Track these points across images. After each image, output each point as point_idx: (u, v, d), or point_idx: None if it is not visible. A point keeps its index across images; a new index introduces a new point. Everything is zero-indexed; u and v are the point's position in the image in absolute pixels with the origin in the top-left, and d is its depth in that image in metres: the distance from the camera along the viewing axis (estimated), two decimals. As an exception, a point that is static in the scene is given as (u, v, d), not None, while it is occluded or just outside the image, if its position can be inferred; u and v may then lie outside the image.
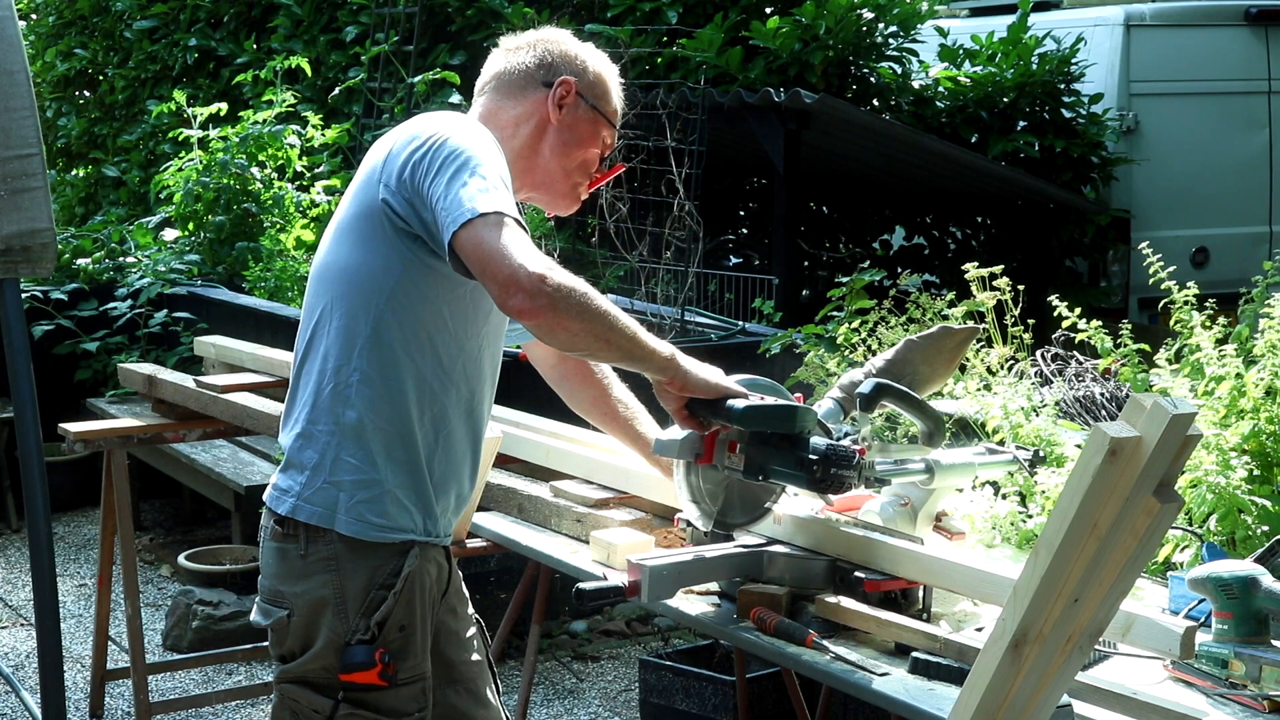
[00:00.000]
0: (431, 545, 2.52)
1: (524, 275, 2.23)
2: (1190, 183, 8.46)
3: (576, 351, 2.42)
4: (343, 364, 2.44)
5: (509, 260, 2.24)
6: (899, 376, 2.90)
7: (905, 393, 2.80)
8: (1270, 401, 3.08)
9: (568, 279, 2.29)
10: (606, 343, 2.37)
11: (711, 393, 2.55)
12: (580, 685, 5.14)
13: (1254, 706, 2.28)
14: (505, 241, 2.25)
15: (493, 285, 2.26)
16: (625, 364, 2.47)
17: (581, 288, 2.30)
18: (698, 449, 2.67)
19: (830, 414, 2.84)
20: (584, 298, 2.30)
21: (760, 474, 2.62)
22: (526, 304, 2.24)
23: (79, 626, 5.65)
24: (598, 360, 2.44)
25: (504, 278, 2.24)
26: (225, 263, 7.75)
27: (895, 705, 2.35)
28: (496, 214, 2.27)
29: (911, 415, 2.84)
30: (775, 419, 2.55)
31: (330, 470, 2.44)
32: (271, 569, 2.51)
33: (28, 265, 3.66)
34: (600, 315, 2.33)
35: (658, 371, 2.51)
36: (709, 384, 2.55)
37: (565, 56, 2.62)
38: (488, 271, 2.26)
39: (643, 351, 2.45)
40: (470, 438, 2.56)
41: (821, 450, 2.53)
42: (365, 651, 2.42)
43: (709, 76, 7.76)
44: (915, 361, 2.95)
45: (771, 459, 2.60)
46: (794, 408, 2.58)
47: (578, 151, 2.61)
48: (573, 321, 2.29)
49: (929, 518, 2.85)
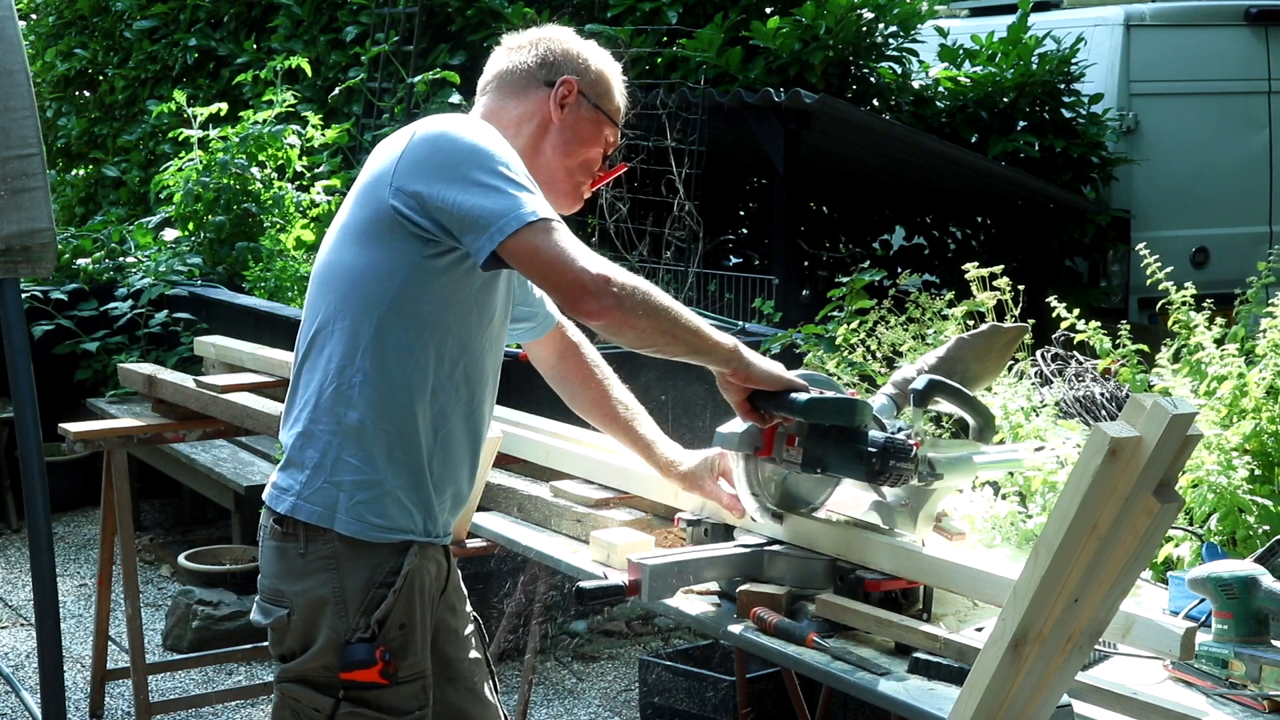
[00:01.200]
0: (430, 544, 2.52)
1: (589, 279, 2.29)
2: (1190, 183, 8.46)
3: (644, 347, 2.44)
4: (346, 364, 2.44)
5: (571, 266, 2.29)
6: (950, 374, 2.91)
7: (958, 389, 2.81)
8: (1271, 401, 3.08)
9: (630, 278, 2.34)
10: (673, 337, 2.42)
11: (774, 385, 2.58)
12: (580, 685, 5.14)
13: (1254, 706, 2.28)
14: (563, 246, 2.30)
15: (558, 292, 2.31)
16: (690, 357, 2.50)
17: (644, 285, 2.36)
18: (758, 442, 2.69)
19: (884, 409, 2.85)
20: (648, 295, 2.36)
21: (819, 466, 2.65)
22: (595, 306, 2.29)
23: (79, 626, 5.65)
24: (664, 354, 2.47)
25: (569, 283, 2.29)
26: (225, 263, 7.75)
27: (895, 705, 2.35)
28: (543, 220, 2.31)
29: (964, 411, 2.86)
30: (836, 412, 2.58)
31: (331, 470, 2.44)
32: (271, 568, 2.51)
33: (28, 265, 3.66)
34: (665, 310, 2.38)
35: (722, 364, 2.53)
36: (772, 376, 2.58)
37: (567, 55, 2.62)
38: (549, 279, 2.31)
39: (707, 344, 2.49)
40: (470, 439, 2.56)
41: (880, 443, 2.56)
42: (366, 650, 2.42)
43: (709, 76, 7.76)
44: (966, 359, 2.96)
45: (830, 452, 2.62)
46: (854, 401, 2.61)
47: (580, 150, 2.62)
48: (640, 319, 2.35)
49: (929, 518, 2.84)
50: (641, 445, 3.03)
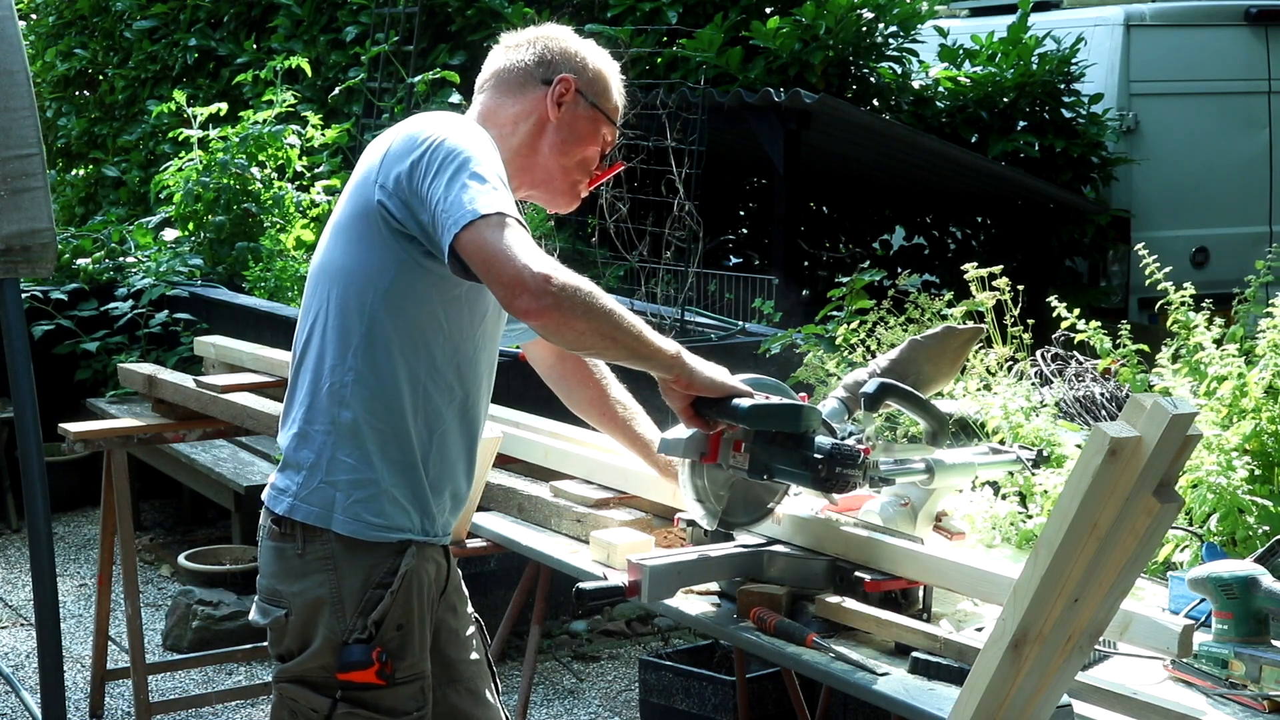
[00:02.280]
0: (429, 544, 2.52)
1: (529, 276, 2.23)
2: (1190, 183, 8.46)
3: (583, 350, 2.41)
4: (338, 363, 2.44)
5: (513, 261, 2.24)
6: (903, 376, 2.90)
7: (910, 392, 2.80)
8: (1271, 401, 3.08)
9: (572, 278, 2.29)
10: (613, 341, 2.37)
11: (717, 391, 2.55)
12: (580, 685, 5.14)
13: (1254, 706, 2.28)
14: (509, 242, 2.25)
15: (498, 287, 2.26)
16: (631, 362, 2.46)
17: (586, 286, 2.31)
18: (703, 448, 2.67)
19: (835, 413, 2.84)
20: (589, 296, 2.30)
21: (765, 473, 2.62)
22: (532, 304, 2.24)
23: (79, 626, 5.65)
24: (604, 359, 2.43)
25: (509, 279, 2.24)
26: (225, 263, 7.75)
27: (895, 705, 2.35)
28: (498, 215, 2.27)
29: (916, 415, 2.85)
30: (780, 418, 2.55)
31: (327, 470, 2.44)
32: (269, 568, 2.51)
33: (28, 265, 3.66)
34: (606, 314, 2.33)
35: (664, 370, 2.50)
36: (715, 382, 2.55)
37: (565, 54, 2.62)
38: (492, 273, 2.26)
39: (649, 350, 2.44)
40: (466, 437, 2.56)
41: (826, 449, 2.53)
42: (362, 650, 2.42)
43: (709, 76, 7.75)
44: (919, 361, 2.95)
45: (776, 458, 2.60)
46: (799, 407, 2.58)
47: (577, 149, 2.61)
48: (579, 321, 2.29)
49: (929, 518, 2.85)
50: (640, 445, 3.03)
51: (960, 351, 3.02)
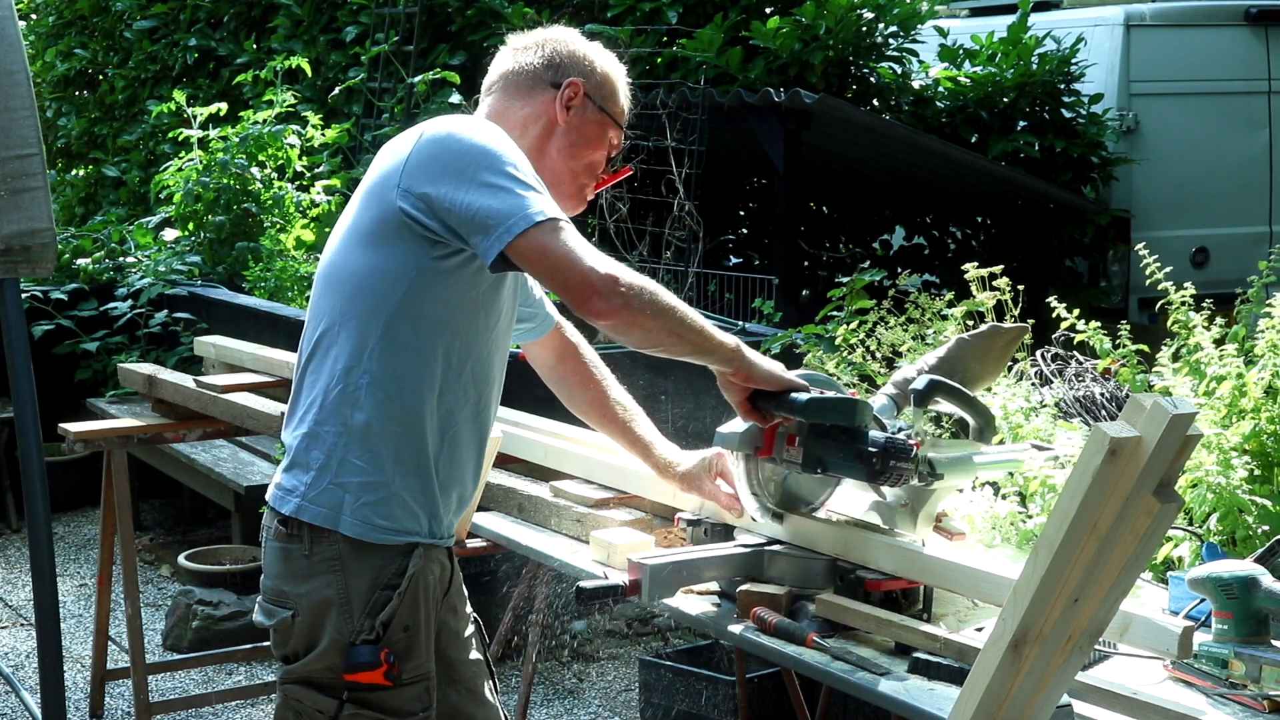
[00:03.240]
0: (435, 546, 2.52)
1: (598, 279, 2.29)
2: (1190, 183, 8.46)
3: (650, 347, 2.45)
4: (353, 366, 2.44)
5: (580, 266, 2.29)
6: (950, 374, 2.91)
7: (958, 389, 2.81)
8: (1271, 401, 3.08)
9: (637, 278, 2.35)
10: (679, 337, 2.43)
11: (775, 385, 2.59)
12: (580, 685, 5.14)
13: (1254, 706, 2.28)
14: (571, 246, 2.30)
15: (566, 292, 2.31)
16: (694, 357, 2.50)
17: (651, 285, 2.37)
18: (758, 442, 2.70)
19: (884, 409, 2.85)
20: (655, 295, 2.37)
21: (819, 466, 2.65)
22: (604, 306, 2.30)
23: (79, 626, 5.65)
24: (669, 354, 2.47)
25: (577, 283, 2.29)
26: (225, 263, 7.75)
27: (895, 705, 2.35)
28: (551, 220, 2.31)
29: (964, 411, 2.86)
30: (836, 412, 2.59)
31: (336, 472, 2.44)
32: (275, 569, 2.51)
33: (28, 265, 3.66)
34: (671, 311, 2.40)
35: (724, 363, 2.54)
36: (773, 376, 2.59)
37: (573, 57, 2.62)
38: (558, 279, 2.31)
39: (711, 344, 2.49)
40: (476, 440, 2.56)
41: (880, 443, 2.56)
42: (370, 652, 2.42)
43: (709, 76, 7.76)
44: (966, 359, 2.96)
45: (830, 451, 2.62)
46: (854, 401, 2.61)
47: (585, 153, 2.62)
48: (648, 319, 2.36)
49: (929, 518, 2.84)
50: (639, 446, 3.03)
51: (1005, 350, 3.04)
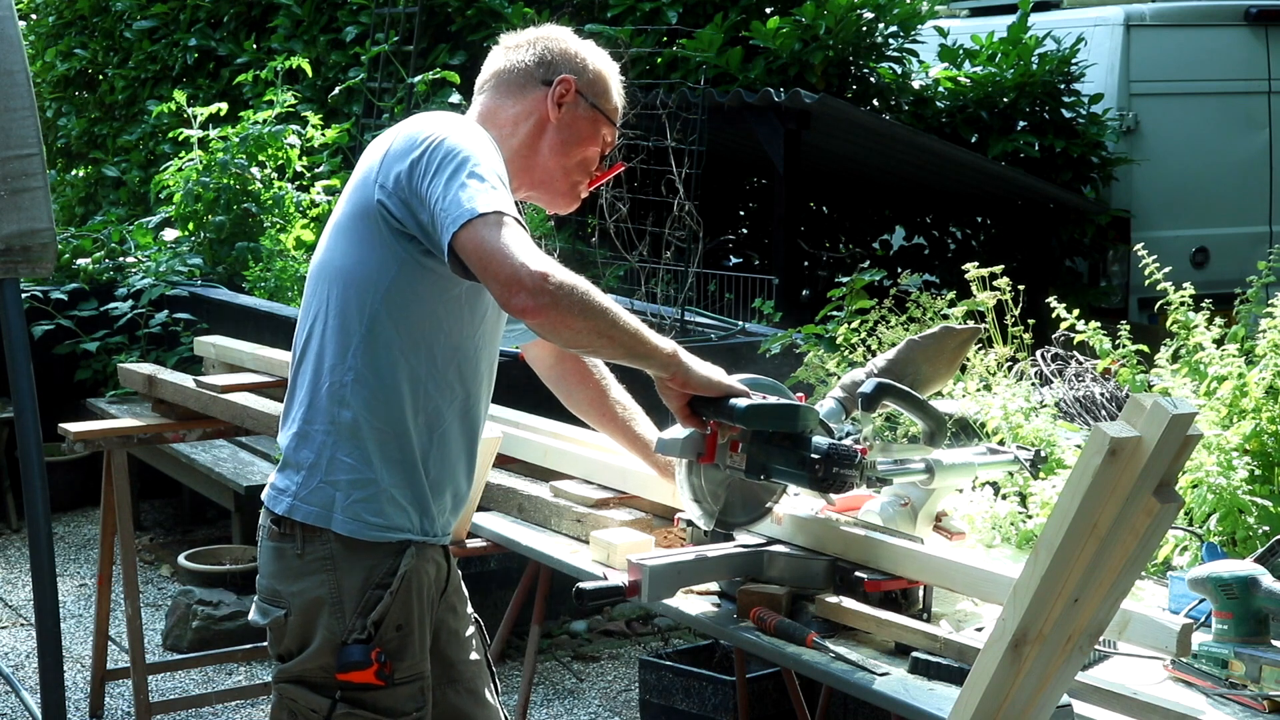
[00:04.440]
0: (429, 545, 2.52)
1: (526, 274, 2.24)
2: (1190, 183, 8.46)
3: (579, 349, 2.41)
4: (337, 363, 2.45)
5: (510, 259, 2.24)
6: (901, 376, 2.89)
7: (907, 392, 2.80)
8: (1271, 401, 3.08)
9: (569, 277, 2.29)
10: (610, 340, 2.37)
11: (714, 390, 2.55)
12: (580, 685, 5.14)
13: (1254, 706, 2.28)
14: (506, 240, 2.25)
15: (495, 285, 2.26)
16: (628, 361, 2.46)
17: (583, 285, 2.31)
18: (700, 448, 2.66)
19: (832, 413, 2.84)
20: (585, 295, 2.30)
21: (762, 473, 2.62)
22: (529, 302, 2.24)
23: (79, 626, 5.65)
24: (601, 357, 2.43)
25: (506, 277, 2.24)
26: (225, 263, 7.75)
27: (895, 705, 2.35)
28: (496, 213, 2.27)
29: (913, 415, 2.85)
30: (778, 418, 2.55)
31: (326, 470, 2.44)
32: (269, 568, 2.51)
33: (28, 265, 3.66)
34: (602, 312, 2.33)
35: (660, 369, 2.51)
36: (711, 382, 2.55)
37: (565, 54, 2.62)
38: (489, 271, 2.26)
39: (645, 348, 2.45)
40: (466, 437, 2.56)
41: (824, 449, 2.53)
42: (362, 651, 2.42)
43: (709, 76, 7.75)
44: (917, 361, 2.95)
45: (774, 458, 2.59)
46: (796, 406, 2.58)
47: (577, 150, 2.61)
48: (575, 319, 2.29)
49: (929, 518, 2.85)
50: (639, 446, 3.03)
51: (958, 352, 3.02)
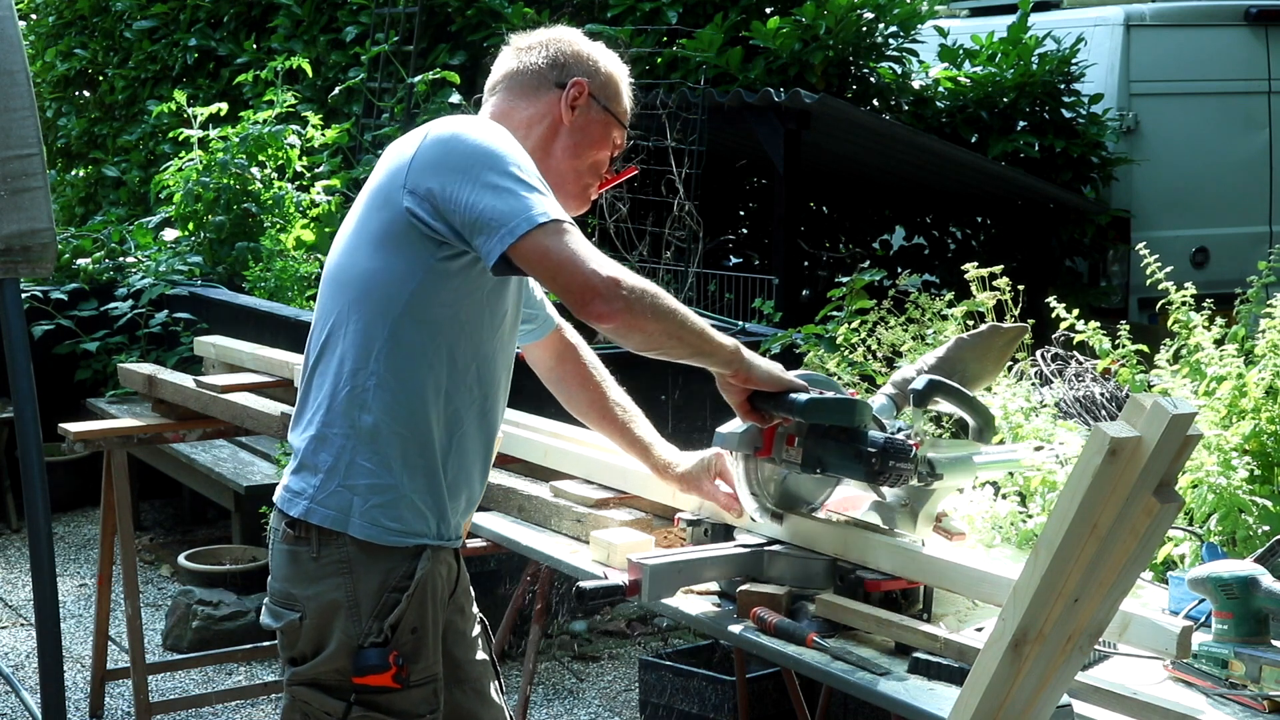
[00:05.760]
0: (442, 548, 2.52)
1: (599, 282, 2.29)
2: (1190, 183, 8.46)
3: (650, 350, 2.45)
4: (359, 368, 2.44)
5: (582, 269, 2.29)
6: (949, 374, 2.91)
7: (957, 389, 2.81)
8: (1271, 401, 3.08)
9: (639, 281, 2.35)
10: (679, 340, 2.43)
11: (774, 386, 2.60)
12: (580, 685, 5.14)
13: (1254, 706, 2.28)
14: (574, 249, 2.30)
15: (568, 295, 2.31)
16: (694, 359, 2.51)
17: (652, 288, 2.37)
18: (757, 442, 2.70)
19: (884, 409, 2.85)
20: (656, 298, 2.36)
21: (818, 467, 2.65)
22: (605, 309, 2.30)
23: (79, 626, 5.65)
24: (668, 357, 2.47)
25: (579, 286, 2.29)
26: (225, 263, 7.75)
27: (895, 705, 2.35)
28: (555, 221, 2.31)
29: (963, 411, 2.86)
30: (835, 412, 2.59)
31: (345, 474, 2.44)
32: (282, 571, 2.50)
33: (28, 265, 3.65)
34: (671, 313, 2.40)
35: (723, 365, 2.55)
36: (772, 376, 2.59)
37: (578, 57, 2.62)
38: (559, 281, 2.30)
39: (710, 346, 2.50)
40: (484, 440, 2.57)
41: (879, 443, 2.56)
42: (378, 654, 2.42)
43: (709, 76, 7.75)
44: (965, 359, 2.96)
45: (829, 452, 2.63)
46: (853, 401, 2.61)
47: (589, 152, 2.61)
48: (649, 322, 2.35)
49: (929, 518, 2.84)
50: (639, 447, 3.03)
51: (1005, 350, 3.04)
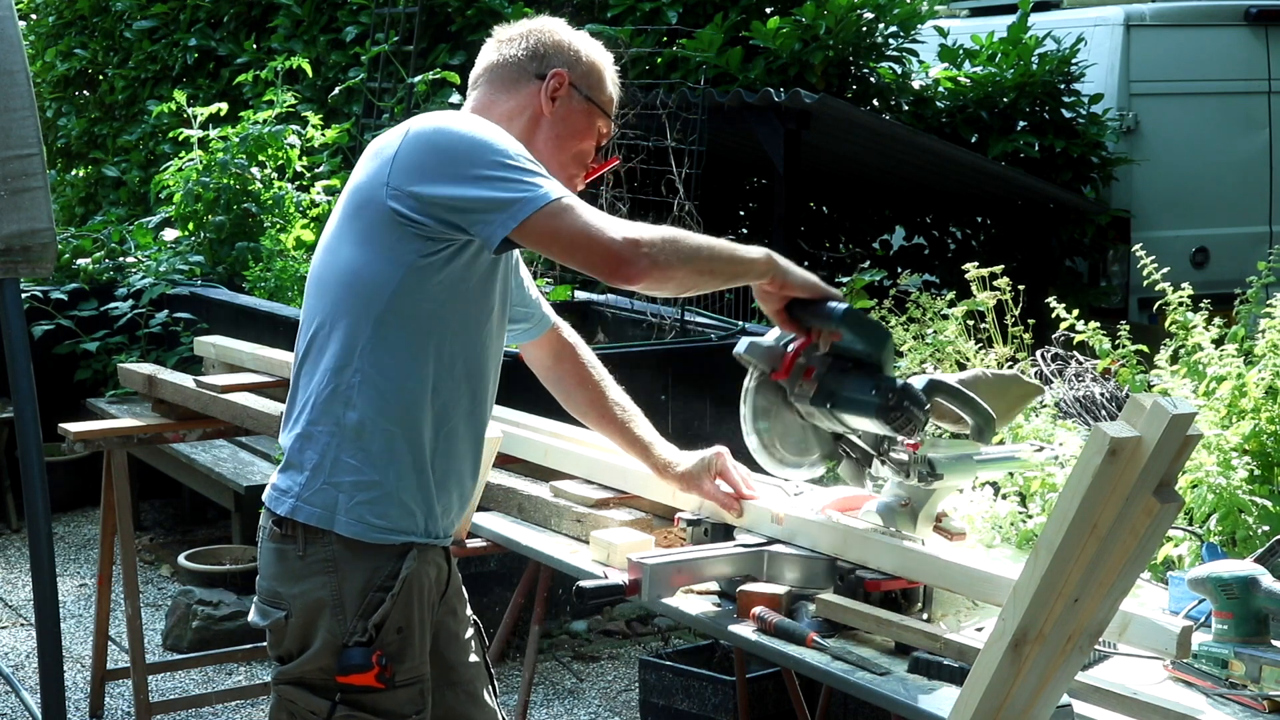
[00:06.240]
0: (431, 546, 2.52)
1: (619, 247, 2.31)
2: (1190, 183, 8.45)
3: (689, 291, 2.51)
4: (344, 365, 2.44)
5: (598, 239, 2.31)
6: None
7: (957, 388, 2.79)
8: (1271, 401, 3.08)
9: (655, 232, 2.36)
10: (711, 273, 2.46)
11: (811, 291, 2.58)
12: (580, 685, 5.14)
13: (1254, 706, 2.28)
14: (585, 220, 2.31)
15: (591, 268, 2.33)
16: (729, 283, 2.53)
17: (670, 233, 2.38)
18: (776, 364, 2.66)
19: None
20: (676, 243, 2.38)
21: (829, 400, 2.61)
22: (632, 270, 2.32)
23: (79, 626, 5.65)
24: (705, 290, 2.51)
25: (600, 257, 2.31)
26: (225, 263, 7.75)
27: (895, 705, 2.36)
28: (558, 200, 2.32)
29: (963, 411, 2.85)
30: (871, 331, 2.57)
31: (330, 471, 2.44)
32: (269, 569, 2.51)
33: (28, 265, 3.65)
34: (696, 251, 2.41)
35: (759, 277, 2.54)
36: (809, 282, 2.58)
37: (558, 47, 2.62)
38: (579, 256, 2.32)
39: (743, 266, 2.51)
40: (472, 437, 2.56)
41: (898, 384, 2.52)
42: (362, 654, 2.42)
43: (709, 76, 7.75)
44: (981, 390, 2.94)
45: (845, 385, 2.58)
46: (888, 332, 2.59)
47: (572, 143, 2.61)
48: (677, 269, 2.38)
49: (929, 518, 2.84)
50: (638, 447, 3.02)
51: (1018, 403, 3.00)
